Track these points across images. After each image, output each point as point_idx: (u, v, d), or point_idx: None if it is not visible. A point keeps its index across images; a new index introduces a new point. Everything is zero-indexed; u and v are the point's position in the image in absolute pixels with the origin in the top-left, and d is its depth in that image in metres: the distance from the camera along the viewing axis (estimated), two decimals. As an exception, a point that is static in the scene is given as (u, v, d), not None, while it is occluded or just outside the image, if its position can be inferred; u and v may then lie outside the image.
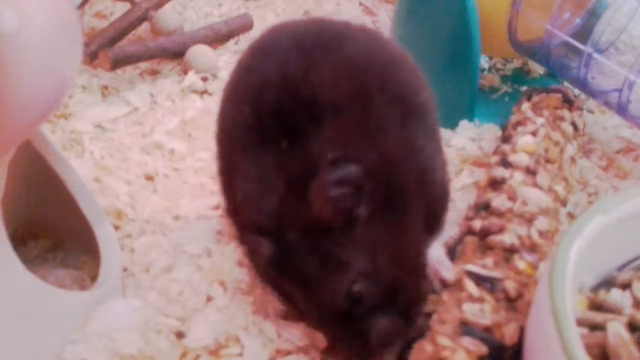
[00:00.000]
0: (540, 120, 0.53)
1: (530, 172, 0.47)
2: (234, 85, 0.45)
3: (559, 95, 0.57)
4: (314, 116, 0.39)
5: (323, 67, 0.40)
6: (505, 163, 0.49)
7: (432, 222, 0.42)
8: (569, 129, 0.54)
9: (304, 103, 0.39)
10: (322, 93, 0.39)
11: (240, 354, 0.41)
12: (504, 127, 0.57)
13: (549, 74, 0.68)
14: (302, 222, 0.38)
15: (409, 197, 0.40)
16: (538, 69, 0.69)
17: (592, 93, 0.59)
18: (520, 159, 0.48)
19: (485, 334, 0.37)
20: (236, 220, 0.44)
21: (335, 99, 0.40)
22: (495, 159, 0.51)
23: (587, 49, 0.56)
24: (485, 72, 0.69)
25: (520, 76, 0.69)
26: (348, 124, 0.39)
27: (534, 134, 0.51)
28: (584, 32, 0.58)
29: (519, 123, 0.54)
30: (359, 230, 0.38)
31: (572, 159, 0.53)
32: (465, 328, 0.37)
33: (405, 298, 0.39)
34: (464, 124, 0.60)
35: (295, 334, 0.43)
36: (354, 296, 0.37)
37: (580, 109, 0.58)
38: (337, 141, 0.39)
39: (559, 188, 0.48)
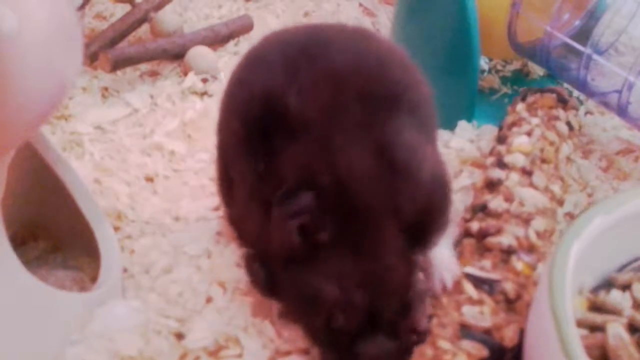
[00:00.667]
0: (535, 121, 0.53)
1: (526, 172, 0.47)
2: (227, 96, 0.45)
3: (554, 95, 0.57)
4: (287, 132, 0.38)
5: (303, 80, 0.39)
6: (500, 164, 0.49)
7: (425, 221, 0.40)
8: (564, 128, 0.54)
9: (282, 119, 0.39)
10: (298, 108, 0.38)
11: (240, 355, 0.41)
12: (499, 128, 0.57)
13: (549, 75, 0.68)
14: (275, 251, 0.38)
15: (379, 210, 0.38)
16: (538, 71, 0.69)
17: (591, 94, 0.59)
18: (516, 159, 0.48)
19: (485, 337, 0.36)
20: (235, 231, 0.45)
21: (309, 114, 0.38)
22: (491, 160, 0.51)
23: (586, 50, 0.56)
24: (485, 74, 0.69)
25: (520, 77, 0.69)
26: (313, 139, 0.38)
27: (529, 134, 0.51)
28: (583, 34, 0.58)
29: (514, 124, 0.54)
30: (324, 258, 0.37)
31: (568, 159, 0.54)
32: (465, 331, 0.37)
33: (388, 319, 0.38)
34: (462, 125, 0.60)
35: (295, 334, 0.43)
36: (334, 328, 0.37)
37: (575, 108, 0.58)
38: (297, 162, 0.38)
39: (556, 188, 0.48)
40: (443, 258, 0.42)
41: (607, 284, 0.39)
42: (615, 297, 0.37)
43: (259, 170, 0.39)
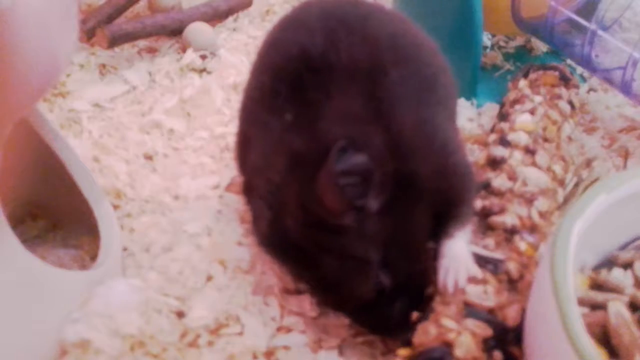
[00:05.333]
0: (538, 99, 0.53)
1: (529, 151, 0.47)
2: (259, 57, 0.46)
3: (556, 73, 0.56)
4: (326, 88, 0.39)
5: (343, 43, 0.40)
6: (503, 142, 0.48)
7: (449, 208, 0.40)
8: (567, 107, 0.54)
9: (319, 74, 0.39)
10: (338, 65, 0.39)
11: (241, 333, 0.41)
12: (501, 105, 0.56)
13: (553, 51, 0.67)
14: (306, 213, 0.37)
15: (419, 181, 0.38)
16: (541, 47, 0.69)
17: (595, 71, 0.58)
18: (519, 137, 0.48)
19: (489, 316, 0.36)
20: (249, 196, 0.45)
21: (350, 72, 0.39)
22: (493, 137, 0.50)
23: (591, 25, 0.55)
24: (488, 50, 0.68)
25: (523, 54, 0.68)
26: (359, 98, 0.39)
27: (532, 112, 0.51)
28: (588, 9, 0.57)
29: (516, 101, 0.53)
30: (370, 223, 0.37)
31: (570, 138, 0.53)
32: (470, 310, 0.37)
33: (417, 284, 0.39)
34: (461, 103, 0.59)
35: (296, 311, 0.43)
36: (377, 289, 0.38)
37: (576, 87, 0.57)
38: (345, 118, 0.38)
39: (557, 168, 0.48)
40: (456, 255, 0.39)
41: (609, 263, 0.38)
42: (617, 275, 0.37)
43: (287, 120, 0.39)
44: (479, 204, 0.43)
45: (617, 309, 0.33)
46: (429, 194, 0.39)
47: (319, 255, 0.38)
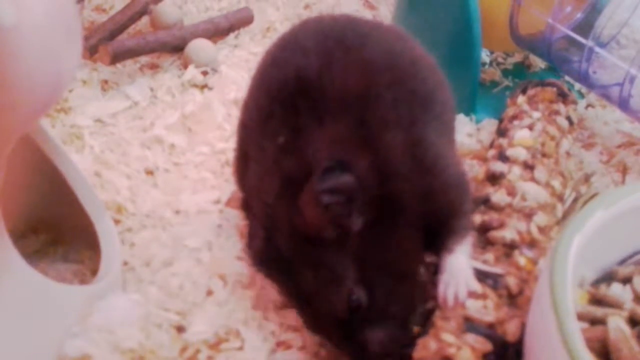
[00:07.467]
0: (536, 114, 0.53)
1: (528, 166, 0.47)
2: (258, 74, 0.46)
3: (554, 89, 0.57)
4: (319, 113, 0.39)
5: (338, 66, 0.40)
6: (502, 157, 0.49)
7: (444, 224, 0.40)
8: (565, 123, 0.54)
9: (312, 100, 0.39)
10: (331, 91, 0.39)
11: (241, 348, 0.41)
12: (500, 120, 0.57)
13: (550, 68, 0.67)
14: (293, 228, 0.37)
15: (407, 205, 0.38)
16: (539, 63, 0.69)
17: (593, 87, 0.59)
18: (518, 153, 0.48)
19: (489, 331, 0.36)
20: (247, 212, 0.45)
21: (342, 98, 0.39)
22: (492, 152, 0.51)
23: (588, 42, 0.56)
24: (486, 66, 0.69)
25: (521, 70, 0.69)
26: (349, 124, 0.39)
27: (530, 128, 0.51)
28: (585, 26, 0.58)
29: (515, 116, 0.54)
30: (353, 242, 0.37)
31: (568, 154, 0.53)
32: (470, 325, 0.37)
33: (400, 309, 0.38)
34: (461, 119, 0.60)
35: (296, 327, 0.43)
36: (352, 305, 0.37)
37: (574, 102, 0.58)
38: (333, 143, 0.38)
39: (556, 183, 0.48)
40: (456, 270, 0.39)
41: (608, 277, 0.38)
42: (616, 290, 0.37)
43: (280, 143, 0.39)
44: (478, 219, 0.43)
45: (617, 324, 0.33)
46: (419, 217, 0.39)
47: (300, 267, 0.38)
